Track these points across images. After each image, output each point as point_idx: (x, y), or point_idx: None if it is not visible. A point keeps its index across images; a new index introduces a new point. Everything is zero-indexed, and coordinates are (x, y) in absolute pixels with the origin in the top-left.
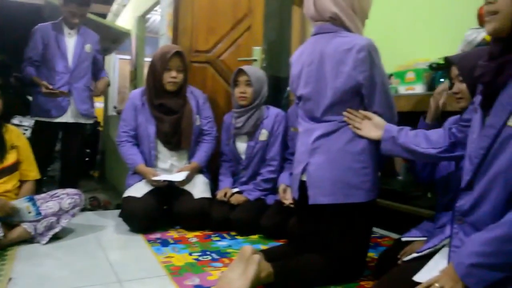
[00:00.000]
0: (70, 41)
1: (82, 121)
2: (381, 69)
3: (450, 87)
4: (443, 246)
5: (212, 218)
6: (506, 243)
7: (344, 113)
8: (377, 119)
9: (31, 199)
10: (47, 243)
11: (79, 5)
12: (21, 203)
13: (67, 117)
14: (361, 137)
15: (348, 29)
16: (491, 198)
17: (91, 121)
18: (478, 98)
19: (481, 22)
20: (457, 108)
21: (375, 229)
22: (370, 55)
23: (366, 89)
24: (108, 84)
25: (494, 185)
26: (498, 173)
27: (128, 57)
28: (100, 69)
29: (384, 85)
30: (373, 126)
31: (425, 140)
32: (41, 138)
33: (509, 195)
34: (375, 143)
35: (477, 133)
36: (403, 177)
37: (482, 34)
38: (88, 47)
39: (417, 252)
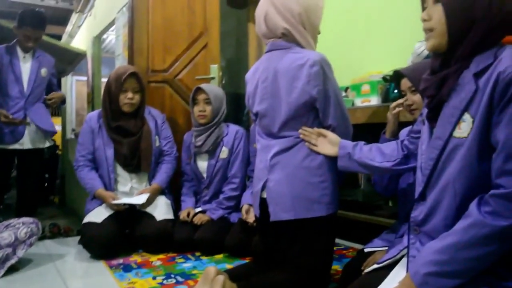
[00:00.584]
0: (25, 66)
1: (40, 145)
2: (334, 82)
3: (399, 98)
4: (402, 256)
5: (175, 239)
6: (458, 251)
7: (300, 130)
8: (331, 136)
9: None
10: (2, 276)
11: (34, 28)
12: None
13: (24, 143)
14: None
15: (300, 45)
16: (443, 207)
17: (48, 144)
18: (425, 111)
19: None
20: (412, 119)
21: (339, 241)
22: (323, 69)
23: (320, 103)
24: (64, 101)
25: (444, 195)
26: (447, 183)
27: (83, 78)
28: (55, 91)
29: (338, 98)
30: (328, 143)
31: (380, 154)
32: None
33: (459, 204)
34: (332, 157)
35: (425, 144)
36: (364, 188)
37: None
38: (43, 71)
39: (377, 263)
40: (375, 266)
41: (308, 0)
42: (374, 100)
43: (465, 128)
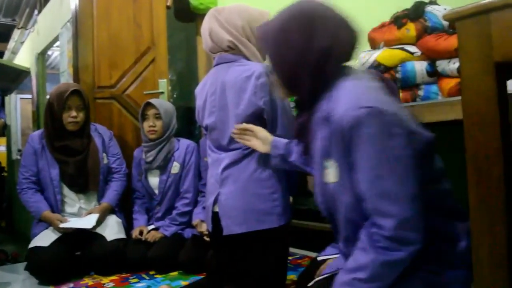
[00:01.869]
0: None
1: None
2: None
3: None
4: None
5: (128, 259)
6: (367, 283)
7: (233, 130)
8: (261, 133)
9: None
10: None
11: None
12: None
13: None
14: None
15: (246, 57)
16: (352, 238)
17: None
18: None
19: (372, 45)
20: None
21: (294, 250)
22: (269, 80)
23: (267, 113)
24: (4, 126)
25: (348, 229)
26: (345, 219)
27: (27, 96)
28: None
29: (285, 108)
30: (258, 140)
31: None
32: None
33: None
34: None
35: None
36: None
37: (373, 56)
38: None
39: (321, 275)
40: (318, 278)
41: (251, 13)
42: None
43: (331, 173)
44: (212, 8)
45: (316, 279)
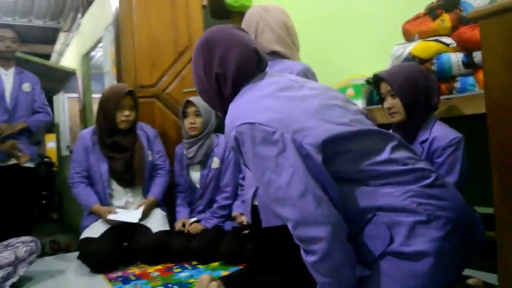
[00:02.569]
0: (7, 82)
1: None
2: None
3: (380, 102)
4: None
5: (172, 250)
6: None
7: None
8: None
9: None
10: None
11: (3, 27)
12: None
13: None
14: None
15: (286, 57)
16: None
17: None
18: None
19: (407, 37)
20: (392, 121)
21: None
22: (307, 78)
23: None
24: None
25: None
26: None
27: (74, 95)
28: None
29: None
30: None
31: None
32: None
33: None
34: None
35: None
36: None
37: (408, 49)
38: (26, 86)
39: None
40: None
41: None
42: (359, 103)
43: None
44: (247, 5)
45: None
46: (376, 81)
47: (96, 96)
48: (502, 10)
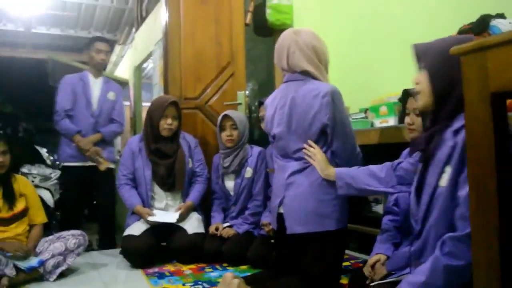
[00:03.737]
0: (95, 90)
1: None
2: (343, 111)
3: (403, 117)
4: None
5: (205, 251)
6: (424, 286)
7: (305, 145)
8: (322, 162)
9: (41, 264)
10: (54, 280)
11: (103, 41)
12: (33, 260)
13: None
14: None
15: (314, 77)
16: (430, 245)
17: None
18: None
19: None
20: (408, 138)
21: (358, 254)
22: (333, 99)
23: (330, 128)
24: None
25: (431, 235)
26: (432, 226)
27: (125, 103)
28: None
29: (344, 125)
30: (319, 167)
31: (376, 180)
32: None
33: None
34: None
35: (413, 192)
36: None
37: None
38: (111, 95)
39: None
40: (381, 281)
41: (322, 40)
42: (392, 121)
43: (445, 178)
44: (287, 24)
45: (377, 281)
46: (404, 96)
47: (146, 104)
48: (479, 48)
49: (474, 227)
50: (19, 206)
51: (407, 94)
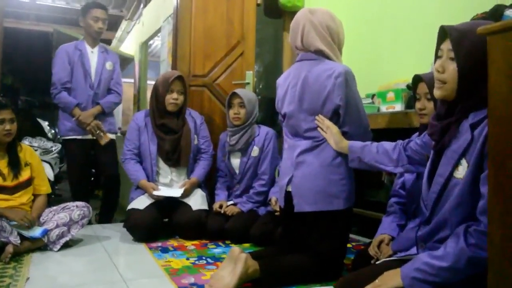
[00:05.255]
0: (93, 60)
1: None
2: (356, 92)
3: (412, 102)
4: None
5: (208, 228)
6: (443, 271)
7: (316, 117)
8: (336, 135)
9: (45, 234)
10: (58, 250)
11: (100, 7)
12: (37, 229)
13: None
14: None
15: (328, 57)
16: (442, 232)
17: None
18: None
19: None
20: (418, 123)
21: (361, 238)
22: (347, 80)
23: (342, 109)
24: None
25: (443, 223)
26: (445, 214)
27: (130, 80)
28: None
29: (358, 106)
30: (332, 140)
31: (388, 159)
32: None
33: (453, 231)
34: None
35: (426, 178)
36: (387, 189)
37: None
38: (108, 65)
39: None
40: (383, 259)
41: (338, 20)
42: (398, 107)
43: (461, 170)
44: (299, 6)
45: (384, 259)
46: (415, 81)
47: (151, 82)
48: (506, 28)
49: (490, 205)
50: (24, 175)
51: (418, 79)
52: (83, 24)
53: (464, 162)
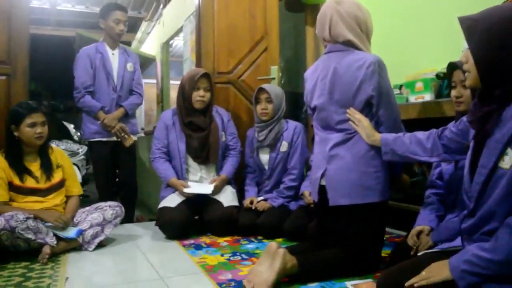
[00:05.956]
0: (114, 62)
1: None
2: (387, 81)
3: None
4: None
5: (240, 224)
6: (493, 264)
7: (348, 110)
8: (368, 129)
9: (80, 234)
10: (93, 249)
11: (121, 10)
12: (72, 230)
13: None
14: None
15: (357, 48)
16: (488, 225)
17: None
18: (472, 132)
19: None
20: (457, 110)
21: (392, 230)
22: (378, 69)
23: (375, 99)
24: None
25: (489, 215)
26: (492, 206)
27: (152, 81)
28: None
29: (389, 95)
30: (364, 133)
31: (422, 149)
32: None
33: (501, 224)
34: None
35: (468, 169)
36: (419, 180)
37: None
38: (129, 66)
39: (430, 249)
40: (425, 251)
41: (366, 9)
42: (428, 97)
43: (507, 160)
44: (321, 0)
45: (425, 251)
46: (450, 69)
47: (173, 82)
48: None
49: None
50: (57, 177)
51: (453, 67)
52: (104, 26)
53: (510, 151)
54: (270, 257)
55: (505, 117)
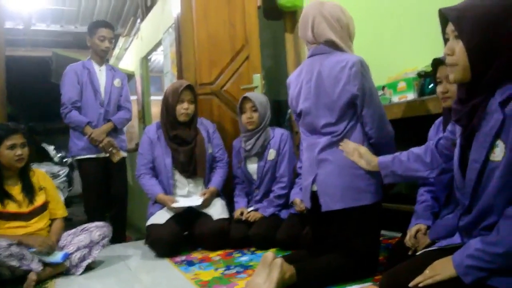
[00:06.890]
0: (101, 78)
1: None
2: (371, 81)
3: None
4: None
5: (231, 237)
6: (498, 256)
7: (341, 143)
8: (366, 155)
9: (66, 258)
10: (81, 273)
11: (107, 27)
12: (58, 254)
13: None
14: (362, 144)
15: (340, 49)
16: (487, 219)
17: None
18: (458, 128)
19: None
20: (444, 106)
21: (384, 232)
22: (361, 70)
23: (359, 99)
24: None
25: (487, 210)
26: (488, 200)
27: (132, 97)
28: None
29: (373, 95)
30: (363, 160)
31: (422, 164)
32: None
33: (499, 217)
34: (376, 150)
35: (457, 165)
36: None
37: None
38: (116, 82)
39: (426, 248)
40: (424, 250)
41: (349, 14)
42: (411, 96)
43: (498, 152)
44: (298, 6)
45: (423, 249)
46: (434, 65)
47: (154, 98)
48: None
49: None
50: (39, 200)
51: (438, 62)
52: (90, 44)
53: (500, 143)
54: (267, 268)
55: (490, 110)
